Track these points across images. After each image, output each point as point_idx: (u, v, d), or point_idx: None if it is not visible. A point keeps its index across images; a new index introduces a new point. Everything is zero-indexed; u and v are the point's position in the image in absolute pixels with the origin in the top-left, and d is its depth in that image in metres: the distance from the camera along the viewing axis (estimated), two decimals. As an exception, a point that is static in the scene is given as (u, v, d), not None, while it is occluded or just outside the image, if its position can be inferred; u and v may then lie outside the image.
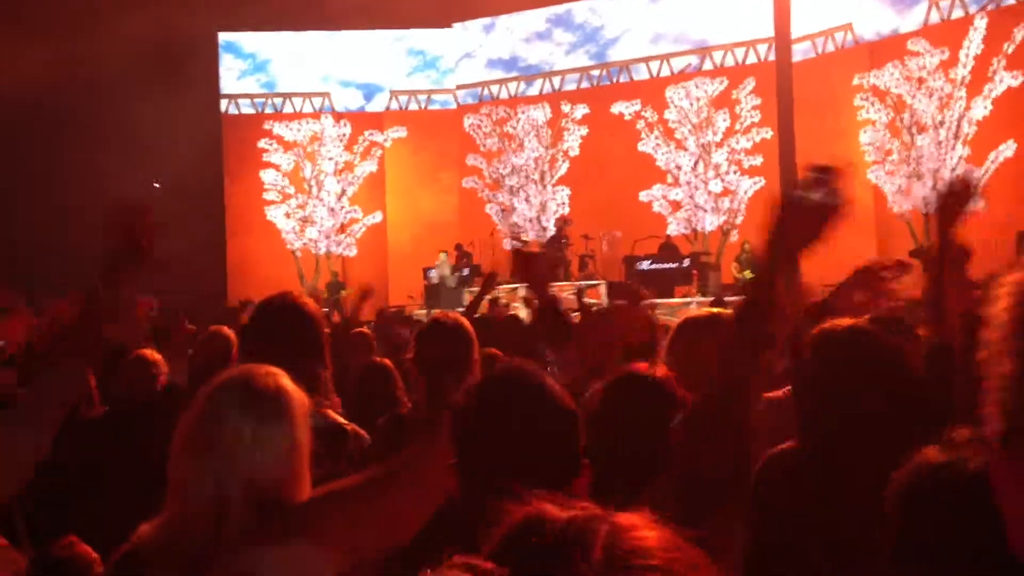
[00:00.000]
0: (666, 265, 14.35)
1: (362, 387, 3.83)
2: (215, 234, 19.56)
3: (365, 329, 5.74)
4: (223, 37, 20.75)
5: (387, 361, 4.09)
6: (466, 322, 2.80)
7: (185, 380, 3.78)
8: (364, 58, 20.91)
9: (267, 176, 20.23)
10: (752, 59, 18.24)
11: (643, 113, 18.45)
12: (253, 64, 21.01)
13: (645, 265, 14.16)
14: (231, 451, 1.59)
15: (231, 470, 1.58)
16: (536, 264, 2.86)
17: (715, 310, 3.24)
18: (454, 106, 21.03)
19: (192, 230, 17.58)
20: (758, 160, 17.16)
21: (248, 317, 2.67)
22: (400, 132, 20.64)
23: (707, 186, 17.71)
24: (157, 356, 3.97)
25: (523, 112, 19.76)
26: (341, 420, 2.52)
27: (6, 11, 15.04)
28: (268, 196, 20.23)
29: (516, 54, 20.37)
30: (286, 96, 20.99)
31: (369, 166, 20.43)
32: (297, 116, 20.71)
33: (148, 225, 1.93)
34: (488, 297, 8.63)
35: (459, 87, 21.01)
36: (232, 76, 20.99)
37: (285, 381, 1.70)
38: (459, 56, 20.93)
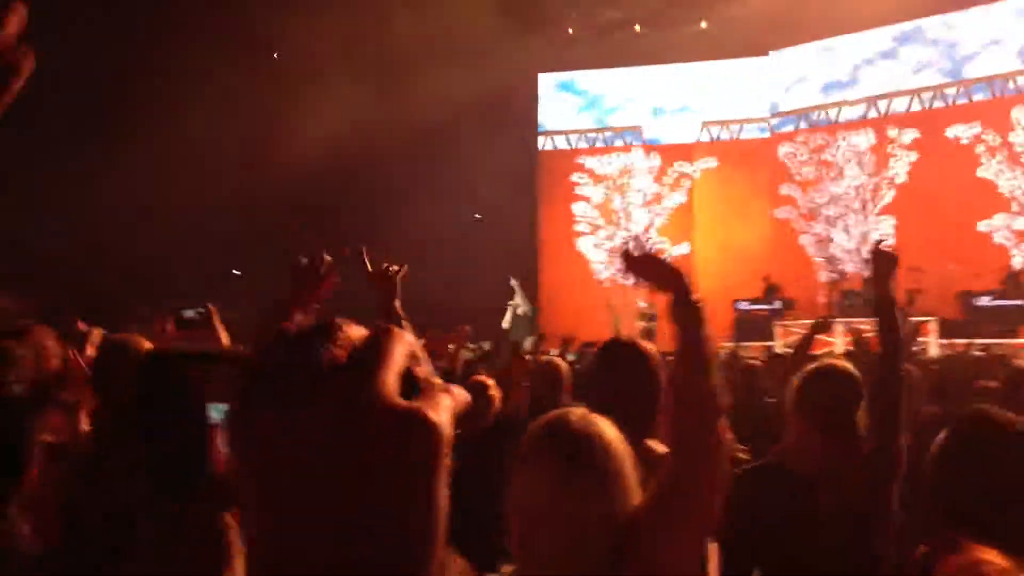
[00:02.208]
0: (1011, 302, 12.76)
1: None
2: (529, 264, 20.45)
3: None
4: (559, 77, 21.68)
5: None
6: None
7: None
8: (683, 90, 20.86)
9: (578, 208, 20.83)
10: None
11: (983, 136, 16.74)
12: (587, 100, 21.73)
13: (985, 301, 12.73)
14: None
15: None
16: (884, 263, 3.01)
17: None
18: (767, 135, 20.39)
19: (508, 260, 18.56)
20: None
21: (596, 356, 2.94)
22: (710, 163, 20.37)
23: (1061, 215, 15.68)
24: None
25: (843, 138, 18.71)
26: (661, 448, 2.57)
27: (347, 73, 16.89)
28: (578, 228, 20.81)
29: (852, 77, 19.13)
30: (599, 131, 21.53)
31: (678, 197, 20.36)
32: (608, 150, 21.16)
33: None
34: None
35: (774, 115, 20.34)
36: (571, 112, 21.78)
37: (599, 430, 1.69)
38: (775, 83, 20.23)
